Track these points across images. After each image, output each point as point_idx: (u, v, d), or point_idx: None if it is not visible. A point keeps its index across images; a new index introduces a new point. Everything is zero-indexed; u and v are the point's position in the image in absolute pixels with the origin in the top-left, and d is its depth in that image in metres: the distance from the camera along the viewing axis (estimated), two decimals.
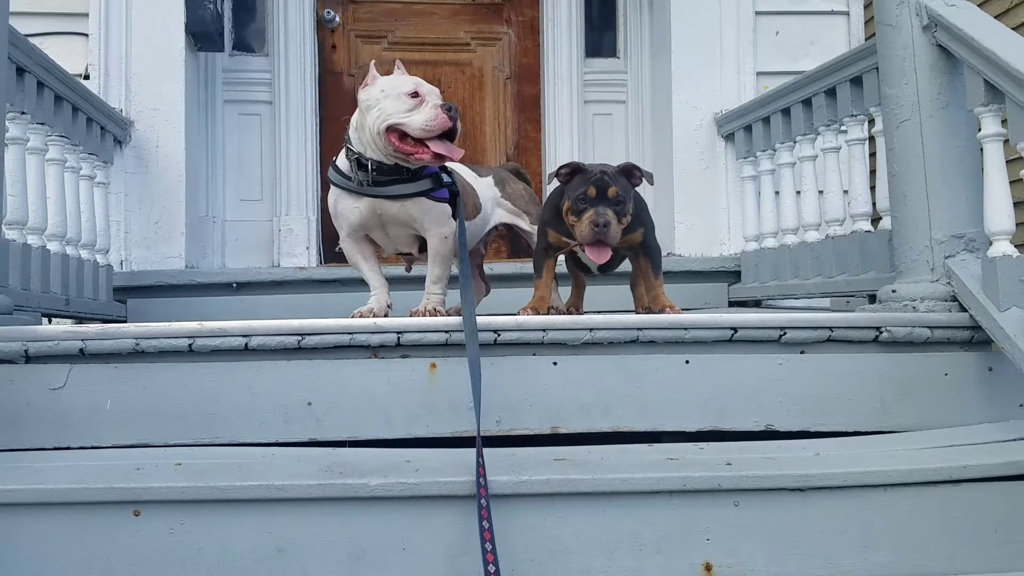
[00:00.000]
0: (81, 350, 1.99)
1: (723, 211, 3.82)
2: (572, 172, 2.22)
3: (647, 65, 4.29)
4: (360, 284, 3.57)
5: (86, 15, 3.50)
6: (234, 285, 3.52)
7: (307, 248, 4.09)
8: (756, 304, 3.61)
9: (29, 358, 1.99)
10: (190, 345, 2.02)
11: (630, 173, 2.25)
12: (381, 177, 2.17)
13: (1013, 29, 3.20)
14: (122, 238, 3.46)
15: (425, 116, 2.10)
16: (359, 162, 2.18)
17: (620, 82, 4.38)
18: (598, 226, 2.11)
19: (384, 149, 2.15)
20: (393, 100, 2.13)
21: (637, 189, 2.32)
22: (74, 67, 3.26)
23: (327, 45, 4.34)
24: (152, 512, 1.73)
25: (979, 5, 3.83)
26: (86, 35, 3.50)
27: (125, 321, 3.29)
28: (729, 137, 3.81)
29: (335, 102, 4.32)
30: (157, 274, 3.44)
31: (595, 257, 2.16)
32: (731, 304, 3.70)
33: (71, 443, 1.98)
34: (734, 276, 3.70)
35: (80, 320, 2.98)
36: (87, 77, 3.44)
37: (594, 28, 4.48)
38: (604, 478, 1.81)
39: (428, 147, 2.10)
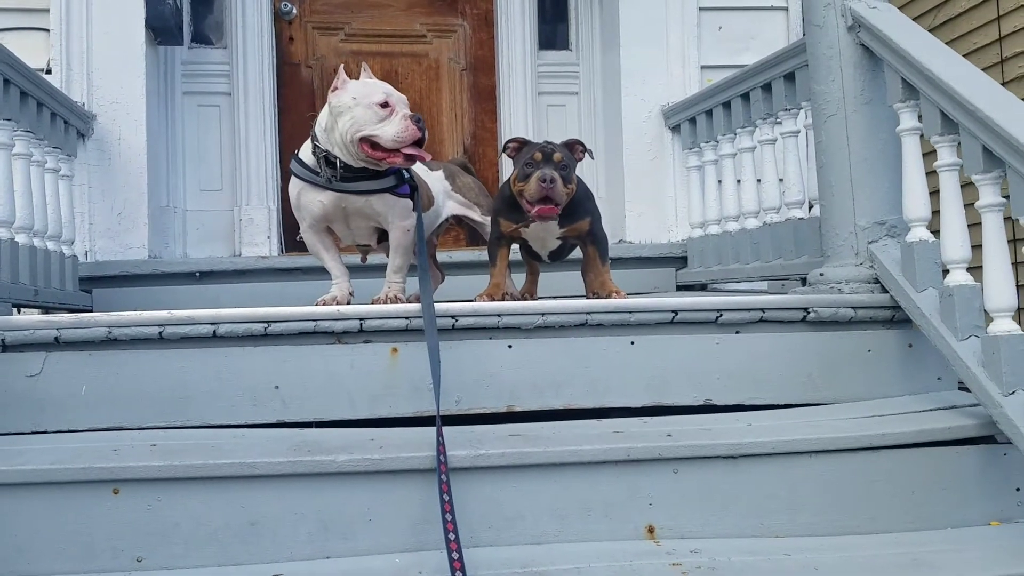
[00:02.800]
0: (56, 338, 2.09)
1: (671, 199, 3.98)
2: (520, 145, 2.39)
3: (598, 58, 4.43)
4: (322, 273, 3.66)
5: (47, 10, 3.53)
6: (197, 274, 3.60)
7: (268, 237, 4.17)
8: (702, 288, 3.78)
9: (6, 347, 2.09)
10: (160, 333, 2.13)
11: (572, 147, 2.41)
12: (347, 174, 2.28)
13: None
14: (86, 229, 3.52)
15: (396, 128, 2.22)
16: (327, 159, 2.29)
17: (572, 74, 4.51)
18: (545, 181, 2.26)
19: (355, 155, 2.26)
20: (364, 109, 2.23)
21: (585, 183, 2.47)
22: (36, 62, 3.31)
23: (284, 37, 4.41)
24: (130, 490, 1.83)
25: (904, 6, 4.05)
26: (47, 30, 3.54)
27: (91, 311, 3.36)
28: (675, 129, 3.96)
29: (293, 93, 4.40)
30: (121, 264, 3.51)
31: (543, 215, 2.29)
32: (679, 288, 3.86)
33: (48, 427, 2.09)
34: (681, 261, 3.87)
35: (46, 310, 3.05)
36: (49, 72, 3.49)
37: (547, 21, 4.59)
38: (555, 450, 1.95)
39: (399, 154, 2.22)
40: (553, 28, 4.61)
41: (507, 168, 4.34)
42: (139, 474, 1.83)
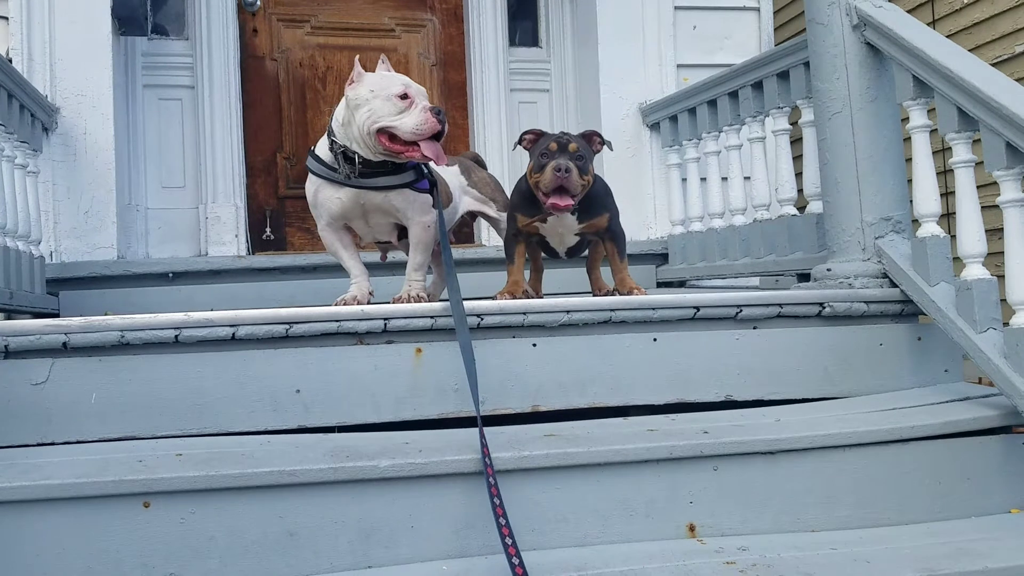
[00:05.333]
0: (64, 344, 1.96)
1: (649, 197, 3.98)
2: (536, 137, 2.35)
3: (569, 55, 4.41)
4: (302, 273, 3.59)
5: None
6: (170, 275, 3.44)
7: (236, 236, 4.02)
8: (681, 284, 3.80)
9: (9, 353, 1.95)
10: (176, 336, 2.02)
11: (590, 139, 2.38)
12: (366, 169, 2.21)
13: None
14: (51, 229, 3.33)
15: (415, 120, 2.15)
16: (345, 155, 2.20)
17: (544, 71, 4.48)
18: (560, 170, 2.22)
19: (373, 148, 2.19)
20: (383, 101, 2.16)
21: (604, 179, 2.44)
22: None
23: (248, 29, 4.26)
24: (162, 503, 1.73)
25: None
26: (6, 18, 3.33)
27: (58, 314, 3.18)
28: (654, 127, 3.98)
29: (257, 87, 4.26)
30: (91, 265, 3.33)
31: (557, 206, 2.25)
32: (659, 285, 3.87)
33: (55, 438, 1.96)
34: (661, 258, 3.88)
35: (8, 315, 2.88)
36: (9, 62, 3.28)
37: (515, 18, 4.56)
38: (598, 450, 1.92)
39: (419, 147, 2.15)
40: (522, 25, 4.58)
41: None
42: (172, 486, 1.73)
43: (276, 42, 4.31)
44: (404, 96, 2.17)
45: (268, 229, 4.22)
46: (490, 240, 4.17)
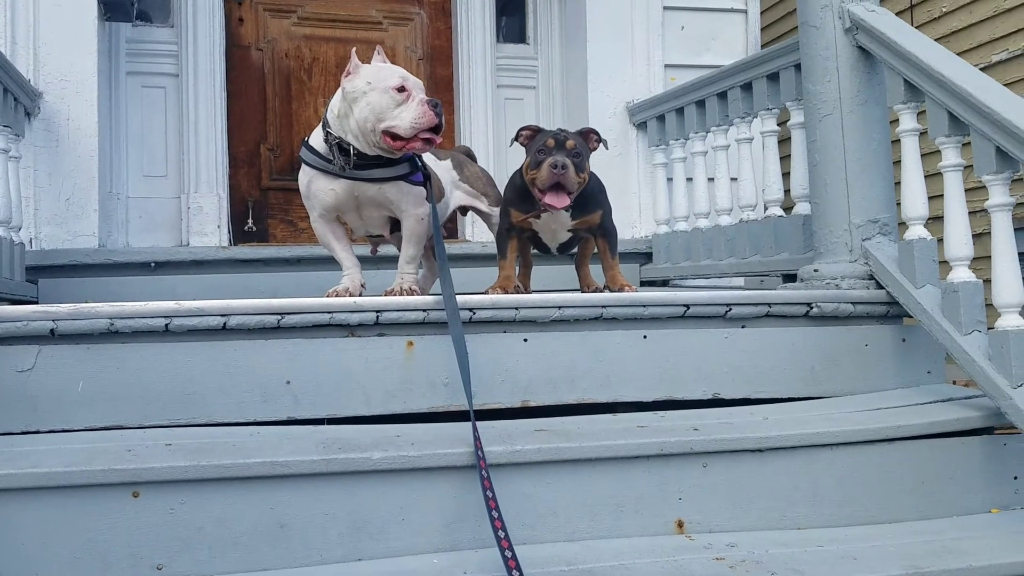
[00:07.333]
0: (52, 331, 1.93)
1: (635, 196, 4.00)
2: (532, 133, 2.35)
3: (557, 53, 4.41)
4: (286, 264, 3.57)
5: None
6: (152, 264, 3.41)
7: (218, 227, 3.99)
8: (664, 283, 3.81)
9: None
10: (166, 325, 2.00)
11: (587, 136, 2.39)
12: (360, 161, 2.19)
13: None
14: (31, 215, 3.28)
15: (413, 114, 2.13)
16: (340, 147, 2.19)
17: (531, 68, 4.48)
18: (556, 167, 2.22)
19: (373, 143, 2.17)
20: (380, 94, 2.15)
21: (598, 175, 2.45)
22: None
23: (234, 18, 4.22)
24: (152, 492, 1.71)
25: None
26: None
27: (37, 302, 3.14)
28: (641, 126, 3.99)
29: (242, 76, 4.22)
30: (71, 253, 3.28)
31: (554, 203, 2.25)
32: (642, 283, 3.89)
33: (41, 427, 1.93)
34: (646, 257, 3.89)
35: None
36: None
37: (503, 14, 4.56)
38: (589, 446, 1.93)
39: (417, 138, 2.14)
40: (510, 21, 4.57)
41: None
42: (162, 475, 1.71)
43: (262, 32, 4.27)
44: (401, 89, 2.16)
45: (250, 220, 4.19)
46: (475, 236, 4.16)
